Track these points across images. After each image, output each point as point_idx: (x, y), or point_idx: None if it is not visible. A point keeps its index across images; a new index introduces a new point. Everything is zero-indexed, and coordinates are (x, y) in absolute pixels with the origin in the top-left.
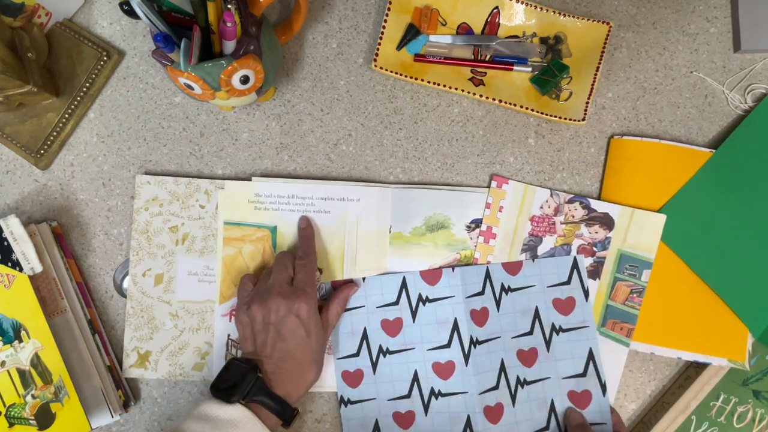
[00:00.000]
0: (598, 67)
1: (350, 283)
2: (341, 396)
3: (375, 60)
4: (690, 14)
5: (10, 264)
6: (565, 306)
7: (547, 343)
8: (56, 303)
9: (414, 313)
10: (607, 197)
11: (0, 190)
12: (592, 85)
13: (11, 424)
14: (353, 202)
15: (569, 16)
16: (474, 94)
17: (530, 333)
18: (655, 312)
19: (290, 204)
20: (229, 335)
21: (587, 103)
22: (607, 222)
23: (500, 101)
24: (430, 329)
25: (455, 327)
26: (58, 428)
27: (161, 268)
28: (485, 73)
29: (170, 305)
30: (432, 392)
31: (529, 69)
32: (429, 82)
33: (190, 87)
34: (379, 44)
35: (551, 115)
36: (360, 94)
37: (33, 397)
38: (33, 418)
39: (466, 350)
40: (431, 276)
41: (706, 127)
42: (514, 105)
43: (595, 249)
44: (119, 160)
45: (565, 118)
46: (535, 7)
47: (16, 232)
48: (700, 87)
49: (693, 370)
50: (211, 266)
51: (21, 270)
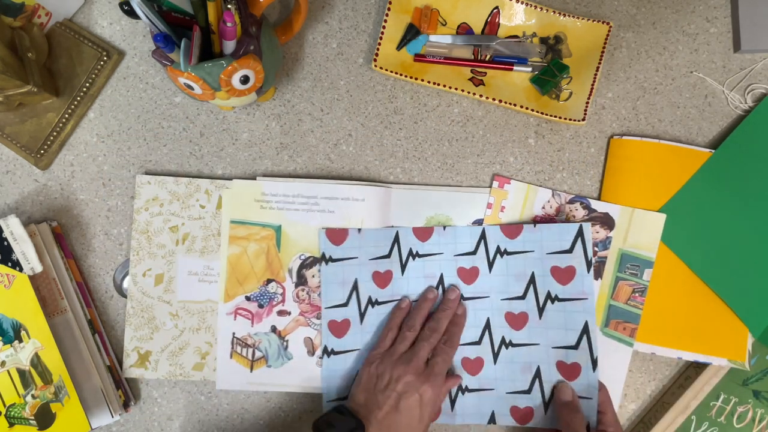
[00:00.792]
0: (598, 67)
1: (456, 376)
2: (325, 346)
3: (375, 60)
4: (690, 14)
5: (10, 264)
6: (564, 275)
7: (540, 310)
8: (56, 303)
9: (403, 267)
10: (607, 197)
11: (0, 190)
12: (592, 85)
13: (11, 424)
14: (358, 201)
15: (569, 16)
16: (474, 94)
17: (522, 297)
18: (655, 312)
19: (295, 203)
20: (233, 333)
21: (587, 103)
22: (607, 222)
23: (500, 101)
24: (417, 282)
25: (440, 282)
26: (58, 428)
27: (161, 268)
28: (485, 73)
29: (170, 305)
30: None
31: (529, 69)
32: (429, 82)
33: (190, 87)
34: (379, 44)
35: (551, 115)
36: (360, 94)
37: (33, 397)
38: (33, 418)
39: None
40: (423, 233)
41: (706, 127)
42: (514, 105)
43: (596, 249)
44: (119, 160)
45: (565, 118)
46: (535, 7)
47: (16, 232)
48: (700, 87)
49: (693, 370)
50: (212, 266)
51: (21, 270)
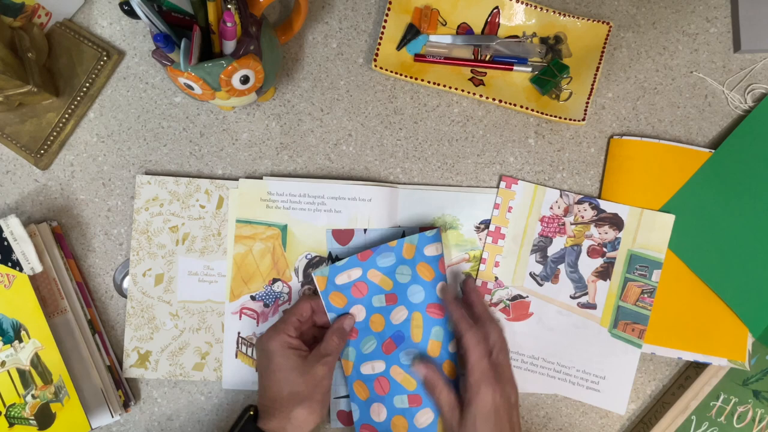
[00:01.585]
0: (598, 67)
1: (347, 315)
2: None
3: (375, 60)
4: (690, 14)
5: (10, 264)
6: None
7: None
8: (56, 303)
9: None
10: (607, 197)
11: (0, 190)
12: (592, 85)
13: (11, 424)
14: (364, 201)
15: (569, 16)
16: (474, 94)
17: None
18: (655, 312)
19: (301, 203)
20: (239, 333)
21: (587, 103)
22: (616, 222)
23: (500, 101)
24: None
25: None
26: (58, 428)
27: (161, 268)
28: (485, 73)
29: (170, 305)
30: None
31: (529, 69)
32: (429, 82)
33: (190, 87)
34: (379, 44)
35: (551, 115)
36: (360, 94)
37: (33, 397)
38: (33, 418)
39: None
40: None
41: (706, 127)
42: (514, 105)
43: (605, 249)
44: (119, 160)
45: (565, 118)
46: (535, 7)
47: (16, 232)
48: (700, 87)
49: (693, 370)
50: (212, 266)
51: (21, 270)
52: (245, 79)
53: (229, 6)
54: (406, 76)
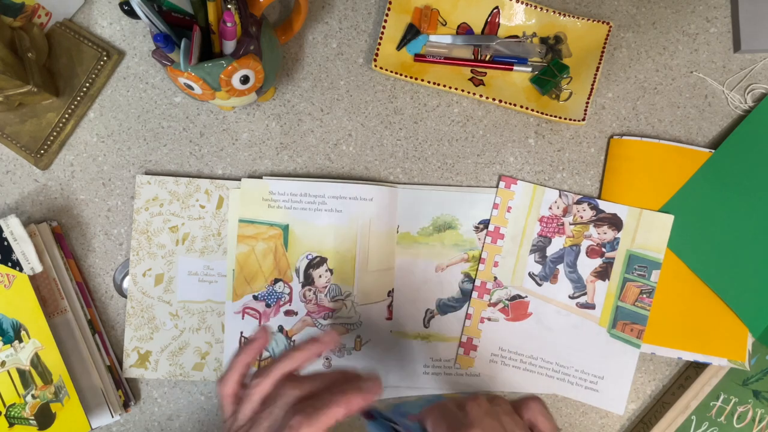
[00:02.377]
0: (598, 67)
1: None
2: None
3: (375, 60)
4: (690, 14)
5: (10, 264)
6: None
7: None
8: (56, 303)
9: None
10: (607, 197)
11: (0, 190)
12: (592, 85)
13: (11, 424)
14: (366, 201)
15: (569, 16)
16: (474, 94)
17: None
18: (655, 312)
19: (302, 202)
20: (242, 332)
21: (587, 103)
22: (615, 222)
23: (500, 101)
24: None
25: None
26: (58, 428)
27: (161, 268)
28: (485, 73)
29: (170, 305)
30: None
31: (529, 69)
32: (429, 82)
33: (190, 87)
34: (379, 44)
35: (551, 115)
36: (360, 94)
37: (33, 397)
38: (33, 418)
39: None
40: None
41: (706, 127)
42: (514, 105)
43: (604, 250)
44: (119, 160)
45: (565, 118)
46: (535, 7)
47: (16, 232)
48: (700, 87)
49: (693, 370)
50: (212, 266)
51: (21, 270)
52: (245, 79)
53: (229, 6)
54: (406, 76)
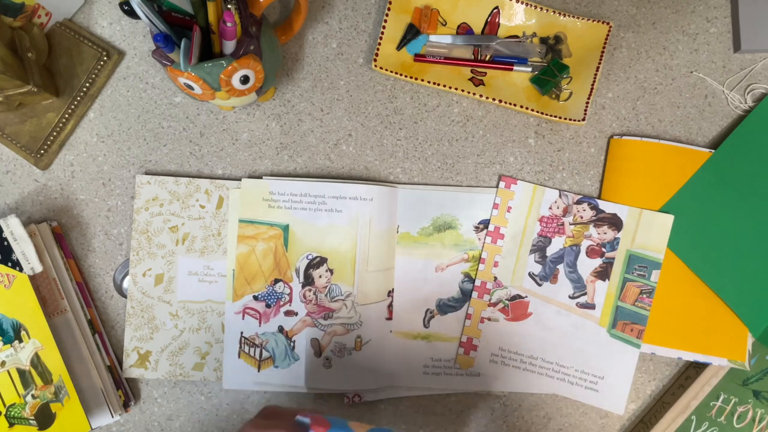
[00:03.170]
0: (598, 67)
1: None
2: None
3: (375, 60)
4: (690, 14)
5: (10, 264)
6: None
7: None
8: (56, 303)
9: None
10: (607, 197)
11: (0, 190)
12: (592, 85)
13: (11, 424)
14: (366, 201)
15: (569, 16)
16: (474, 94)
17: None
18: (655, 312)
19: (302, 203)
20: (242, 332)
21: (587, 103)
22: (615, 223)
23: (500, 101)
24: None
25: None
26: (58, 428)
27: (161, 268)
28: (485, 73)
29: (170, 305)
30: None
31: (529, 69)
32: (429, 82)
33: (190, 87)
34: (379, 44)
35: (551, 115)
36: (360, 94)
37: (33, 397)
38: (33, 418)
39: None
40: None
41: (706, 127)
42: (514, 105)
43: (604, 250)
44: (119, 160)
45: (565, 118)
46: (535, 7)
47: (16, 232)
48: (700, 87)
49: (693, 370)
50: (212, 266)
51: (21, 270)
52: (245, 79)
53: (229, 6)
54: (406, 76)
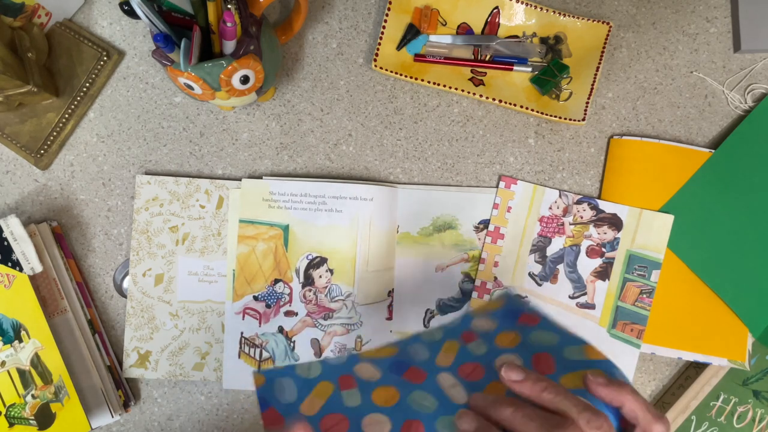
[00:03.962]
0: (598, 67)
1: None
2: None
3: (375, 60)
4: (690, 14)
5: (10, 264)
6: None
7: None
8: (56, 303)
9: None
10: (607, 197)
11: (0, 190)
12: (592, 85)
13: (11, 424)
14: (366, 201)
15: (569, 16)
16: (474, 94)
17: None
18: (655, 312)
19: (302, 203)
20: (242, 333)
21: (587, 103)
22: (615, 223)
23: (500, 101)
24: None
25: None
26: (58, 428)
27: (161, 268)
28: (485, 73)
29: (170, 305)
30: None
31: (529, 69)
32: (429, 82)
33: (190, 87)
34: (379, 44)
35: (551, 115)
36: (360, 94)
37: (33, 397)
38: (33, 418)
39: None
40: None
41: (706, 127)
42: (514, 105)
43: (603, 250)
44: (119, 160)
45: (565, 118)
46: (535, 7)
47: (16, 232)
48: (700, 87)
49: (693, 370)
50: (212, 266)
51: (21, 270)
52: (245, 79)
53: (229, 6)
54: (406, 76)
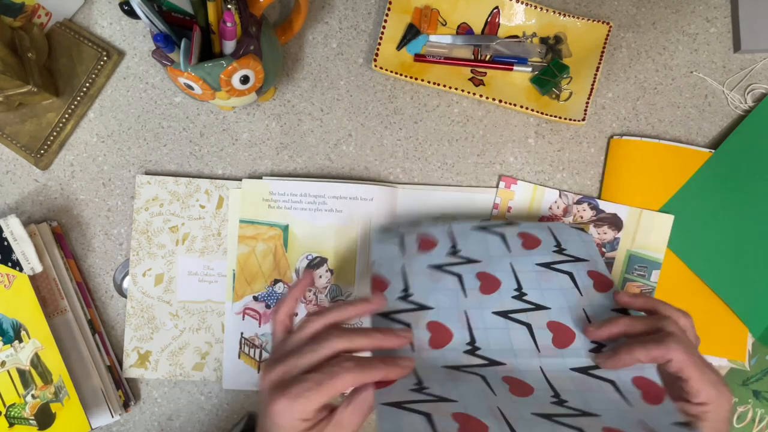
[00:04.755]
0: (598, 67)
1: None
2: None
3: (375, 60)
4: (690, 14)
5: (10, 264)
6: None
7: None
8: (56, 303)
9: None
10: (607, 197)
11: (0, 190)
12: (592, 85)
13: (11, 424)
14: (366, 201)
15: (569, 16)
16: (474, 94)
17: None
18: None
19: (302, 203)
20: (242, 333)
21: (587, 103)
22: (615, 223)
23: (500, 101)
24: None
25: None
26: (58, 428)
27: (161, 268)
28: (485, 73)
29: (170, 305)
30: None
31: (529, 69)
32: (429, 82)
33: (190, 87)
34: (379, 44)
35: (551, 115)
36: (360, 94)
37: (33, 397)
38: (33, 418)
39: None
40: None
41: (706, 127)
42: (514, 105)
43: (604, 250)
44: (119, 160)
45: (565, 118)
46: (535, 7)
47: (16, 232)
48: (700, 87)
49: None
50: (212, 266)
51: (21, 270)
52: (245, 79)
53: (229, 6)
54: (406, 76)
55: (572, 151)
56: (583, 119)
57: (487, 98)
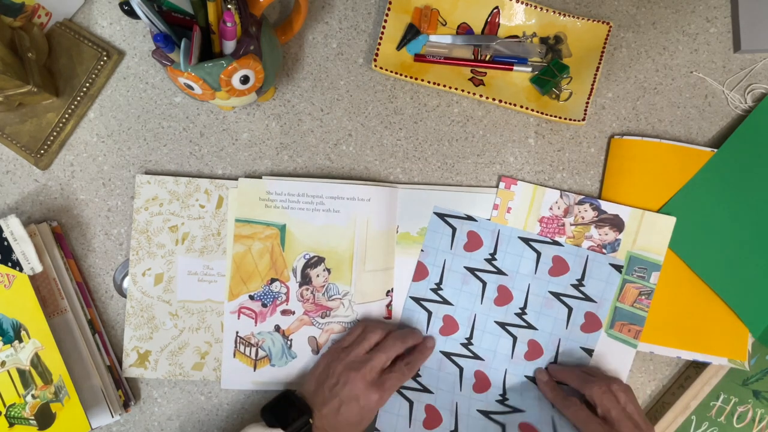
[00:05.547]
0: (598, 67)
1: (420, 350)
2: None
3: (375, 60)
4: (690, 14)
5: (10, 264)
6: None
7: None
8: (56, 303)
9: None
10: (608, 197)
11: (0, 190)
12: (592, 85)
13: (11, 424)
14: (363, 201)
15: (569, 16)
16: (474, 94)
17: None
18: (655, 311)
19: (299, 203)
20: (237, 332)
21: (587, 103)
22: (617, 224)
23: (500, 101)
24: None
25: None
26: (58, 428)
27: (161, 267)
28: (485, 73)
29: (170, 305)
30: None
31: (529, 69)
32: (429, 82)
33: (190, 87)
34: (379, 44)
35: (551, 115)
36: (360, 94)
37: (33, 397)
38: (33, 418)
39: None
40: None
41: (706, 127)
42: (514, 105)
43: (604, 251)
44: (119, 160)
45: (565, 118)
46: (535, 7)
47: (16, 232)
48: (700, 87)
49: (693, 370)
50: (211, 266)
51: (21, 270)
52: (245, 79)
53: (229, 6)
54: (406, 76)
55: (572, 151)
56: (583, 119)
57: (487, 98)
